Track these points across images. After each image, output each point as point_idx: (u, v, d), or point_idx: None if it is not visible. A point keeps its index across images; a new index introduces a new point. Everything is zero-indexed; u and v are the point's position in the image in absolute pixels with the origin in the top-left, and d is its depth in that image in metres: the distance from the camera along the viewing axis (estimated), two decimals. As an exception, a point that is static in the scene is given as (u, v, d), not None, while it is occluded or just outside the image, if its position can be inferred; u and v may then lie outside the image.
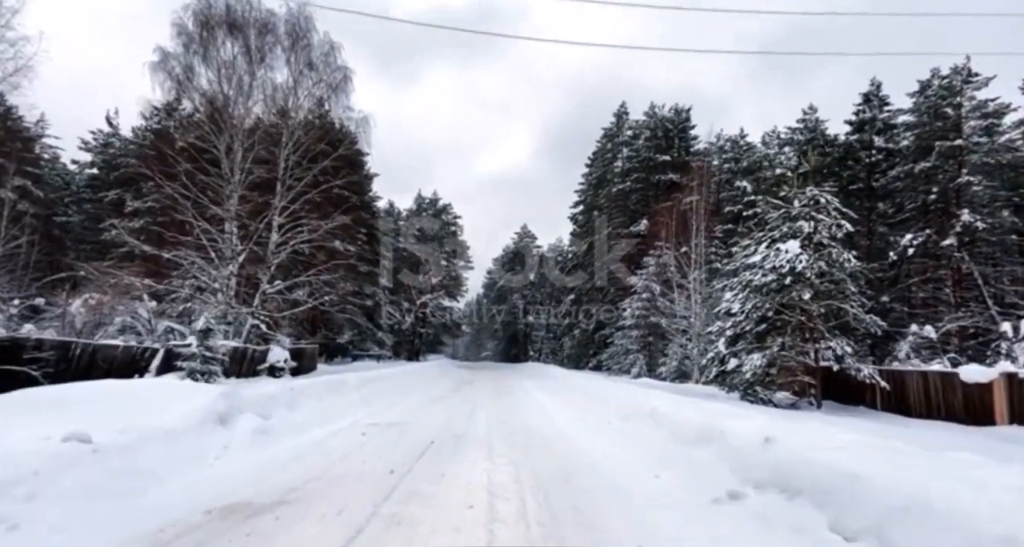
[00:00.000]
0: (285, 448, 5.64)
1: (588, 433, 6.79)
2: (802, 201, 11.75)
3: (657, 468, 4.63)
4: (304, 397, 7.84)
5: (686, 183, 30.69)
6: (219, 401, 5.72)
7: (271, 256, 20.56)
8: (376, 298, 35.10)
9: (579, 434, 6.77)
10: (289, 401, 7.30)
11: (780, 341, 11.04)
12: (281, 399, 7.11)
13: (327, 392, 8.99)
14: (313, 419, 7.35)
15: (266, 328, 20.19)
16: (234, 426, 5.68)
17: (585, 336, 37.34)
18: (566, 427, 7.44)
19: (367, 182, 35.35)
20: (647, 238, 32.90)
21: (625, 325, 25.82)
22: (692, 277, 22.04)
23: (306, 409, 7.57)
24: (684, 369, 22.06)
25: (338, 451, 5.64)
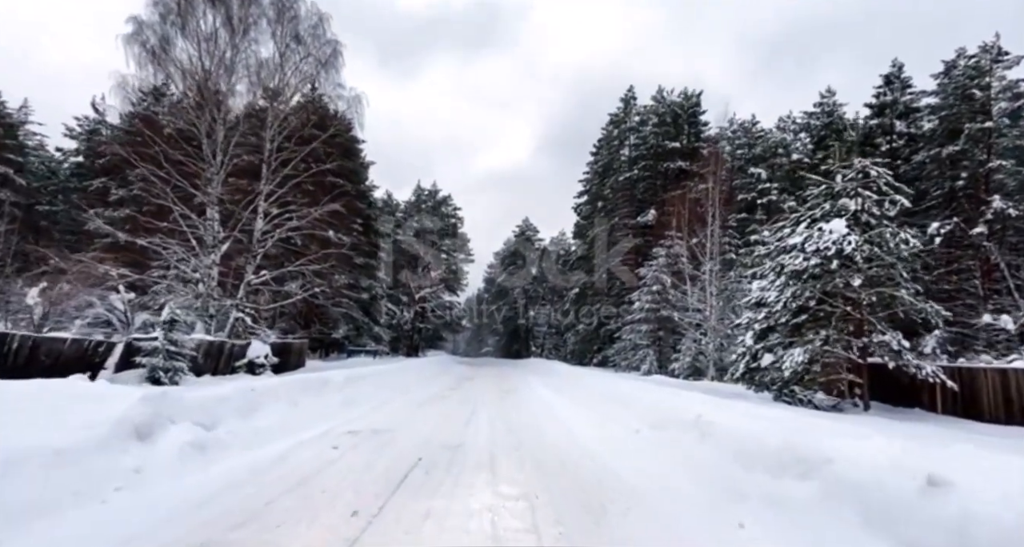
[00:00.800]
0: (223, 470, 4.28)
1: (615, 447, 5.42)
2: (847, 175, 10.34)
3: (729, 507, 3.28)
4: (269, 399, 6.49)
5: (697, 170, 29.25)
6: (139, 408, 4.37)
7: (256, 245, 19.22)
8: (373, 291, 33.75)
9: (604, 448, 5.40)
10: (247, 405, 5.94)
11: (824, 334, 9.66)
12: (235, 403, 5.75)
13: (302, 392, 7.64)
14: (277, 427, 6.00)
15: (251, 322, 18.88)
16: (158, 441, 4.33)
17: (589, 331, 35.99)
18: (586, 437, 6.08)
19: (363, 170, 33.95)
20: (655, 228, 31.50)
21: (634, 319, 24.46)
22: (706, 268, 20.65)
23: (270, 414, 6.22)
24: (698, 365, 20.71)
25: (294, 474, 4.28)
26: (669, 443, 5.10)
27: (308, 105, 21.30)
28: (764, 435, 3.93)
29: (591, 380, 11.94)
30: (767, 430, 4.03)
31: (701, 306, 20.88)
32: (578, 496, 3.81)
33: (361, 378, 10.76)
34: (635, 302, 24.82)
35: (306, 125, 20.60)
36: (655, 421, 5.88)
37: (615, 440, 5.77)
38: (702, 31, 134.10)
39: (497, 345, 63.72)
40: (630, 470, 4.53)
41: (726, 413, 4.94)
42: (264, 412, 6.12)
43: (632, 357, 24.25)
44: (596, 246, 34.94)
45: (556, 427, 7.11)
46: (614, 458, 5.01)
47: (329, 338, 31.82)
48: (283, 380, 7.65)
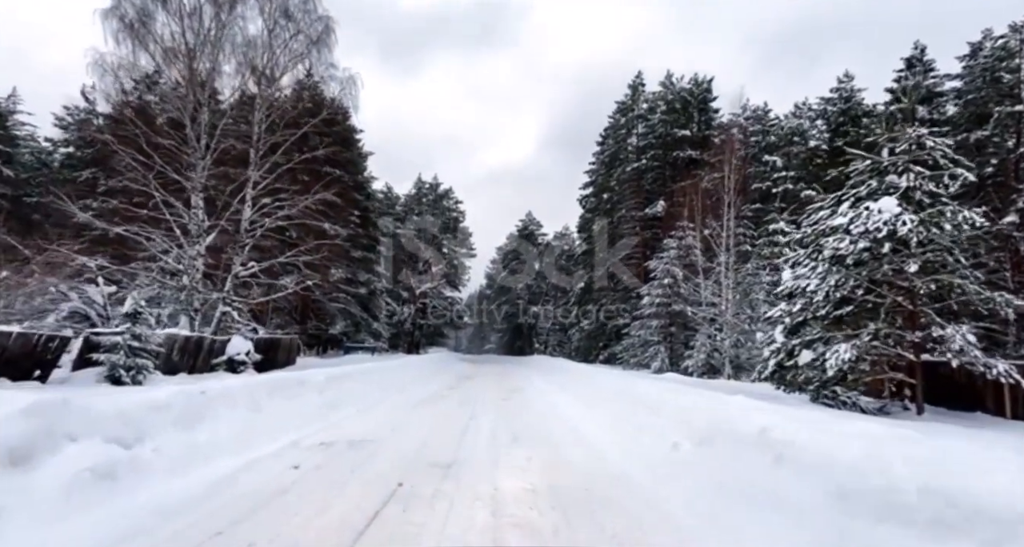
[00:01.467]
0: (126, 508, 3.14)
1: (654, 471, 4.25)
2: (899, 147, 9.12)
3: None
4: (225, 404, 5.34)
5: (708, 159, 27.99)
6: (17, 423, 3.22)
7: (244, 235, 18.10)
8: (371, 286, 32.65)
9: (639, 472, 4.24)
10: (192, 413, 4.79)
11: (873, 328, 8.46)
12: (176, 410, 4.60)
13: (272, 394, 6.50)
14: (228, 440, 4.85)
15: (238, 316, 17.78)
16: (41, 467, 3.19)
17: (594, 327, 34.81)
18: (612, 454, 4.93)
19: (360, 160, 32.79)
20: (664, 220, 30.27)
21: (643, 314, 23.27)
22: (721, 260, 19.43)
23: (222, 424, 5.07)
24: (713, 363, 19.54)
25: (223, 514, 3.13)
26: (725, 466, 3.92)
27: (300, 87, 20.13)
28: (878, 464, 2.76)
29: (604, 379, 10.77)
30: (875, 455, 2.86)
31: (716, 300, 19.68)
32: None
33: (350, 376, 9.62)
34: (644, 296, 23.63)
35: (297, 108, 19.46)
36: (698, 433, 4.70)
37: (651, 459, 4.59)
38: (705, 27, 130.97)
39: (500, 342, 62.64)
40: (681, 507, 3.37)
41: (801, 426, 3.75)
42: (214, 421, 4.98)
43: (642, 354, 23.08)
44: (602, 239, 33.72)
45: (572, 438, 5.94)
46: (655, 486, 3.85)
47: (326, 334, 30.76)
48: (250, 380, 6.51)
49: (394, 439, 5.71)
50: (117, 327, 10.01)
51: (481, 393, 11.57)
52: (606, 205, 33.53)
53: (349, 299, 30.78)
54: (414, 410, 8.33)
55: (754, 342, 19.42)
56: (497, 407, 8.91)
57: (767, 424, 3.89)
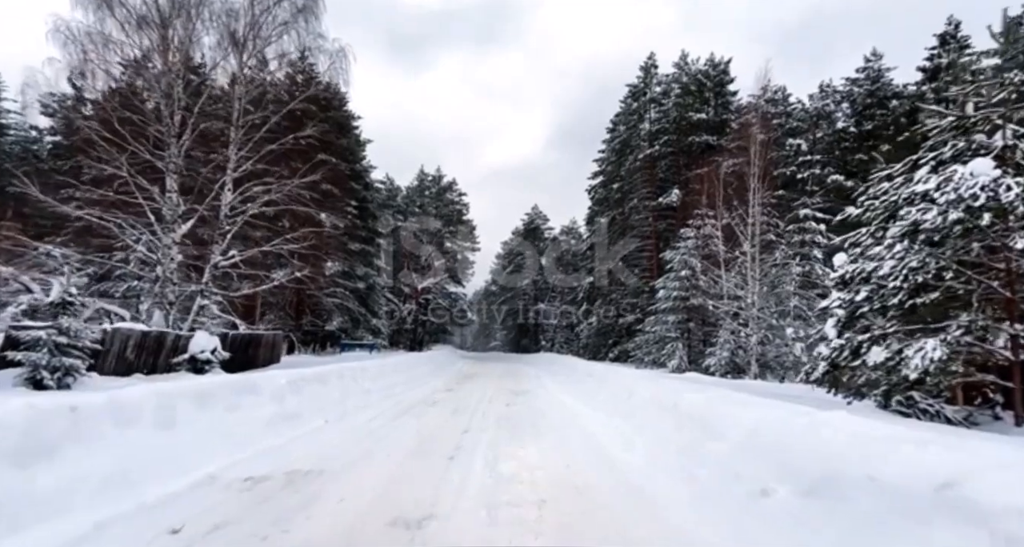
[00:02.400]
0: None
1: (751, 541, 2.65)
2: (992, 98, 7.42)
3: None
4: (112, 422, 3.79)
5: (726, 145, 26.23)
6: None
7: (224, 221, 16.61)
8: (370, 281, 31.13)
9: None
10: (50, 437, 3.24)
11: (966, 319, 6.80)
12: (16, 434, 3.05)
13: (201, 406, 4.95)
14: (100, 477, 3.30)
15: (218, 310, 16.30)
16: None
17: (604, 324, 33.17)
18: (669, 503, 3.33)
19: (358, 148, 31.25)
20: (679, 210, 28.55)
21: (659, 308, 21.61)
22: (746, 249, 17.72)
23: (100, 455, 3.52)
24: (737, 361, 17.88)
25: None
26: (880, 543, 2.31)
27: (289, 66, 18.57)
28: None
29: (626, 380, 9.15)
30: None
31: (740, 292, 17.99)
32: None
33: (323, 379, 8.06)
34: (659, 289, 21.96)
35: (281, 84, 17.94)
36: (799, 474, 3.08)
37: (735, 520, 2.98)
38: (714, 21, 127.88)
39: (505, 339, 61.13)
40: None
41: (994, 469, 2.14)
42: (87, 450, 3.43)
43: (657, 352, 21.43)
44: (612, 231, 32.05)
45: (602, 468, 4.34)
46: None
47: (323, 331, 29.30)
48: (170, 388, 4.96)
49: (353, 471, 4.14)
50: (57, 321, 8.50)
51: (481, 397, 10.00)
52: (616, 195, 31.83)
53: (347, 294, 29.32)
54: (394, 422, 6.75)
55: (783, 338, 17.74)
56: (499, 419, 7.32)
57: (950, 472, 2.25)
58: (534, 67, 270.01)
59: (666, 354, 20.17)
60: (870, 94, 27.53)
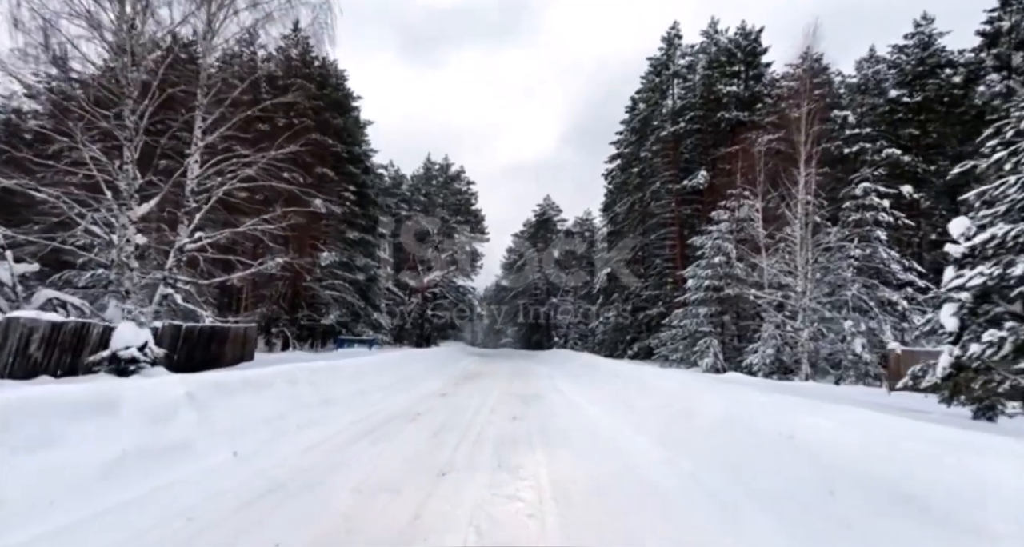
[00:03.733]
0: None
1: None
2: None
3: None
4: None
5: (761, 121, 23.60)
6: None
7: (190, 197, 14.51)
8: (371, 272, 29.01)
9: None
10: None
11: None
12: None
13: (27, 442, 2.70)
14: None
15: (182, 300, 14.22)
16: None
17: (622, 318, 30.69)
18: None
19: (358, 130, 29.08)
20: (707, 193, 25.99)
21: (689, 300, 19.14)
22: (795, 231, 15.19)
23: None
24: (784, 359, 15.40)
25: None
26: None
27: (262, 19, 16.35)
28: None
29: (671, 385, 6.79)
30: None
31: (788, 280, 15.47)
32: None
33: (263, 386, 5.84)
34: (689, 279, 19.49)
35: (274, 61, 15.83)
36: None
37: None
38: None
39: (517, 336, 58.88)
40: None
41: None
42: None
43: (686, 349, 18.98)
44: (631, 217, 29.54)
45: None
46: None
47: (320, 326, 27.24)
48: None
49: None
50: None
51: (480, 407, 7.71)
52: (636, 179, 29.29)
53: (346, 286, 27.24)
54: (339, 455, 4.49)
55: (838, 333, 15.22)
56: (499, 444, 5.02)
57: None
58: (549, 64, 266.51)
59: (698, 351, 17.71)
60: (920, 62, 24.66)
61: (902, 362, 11.60)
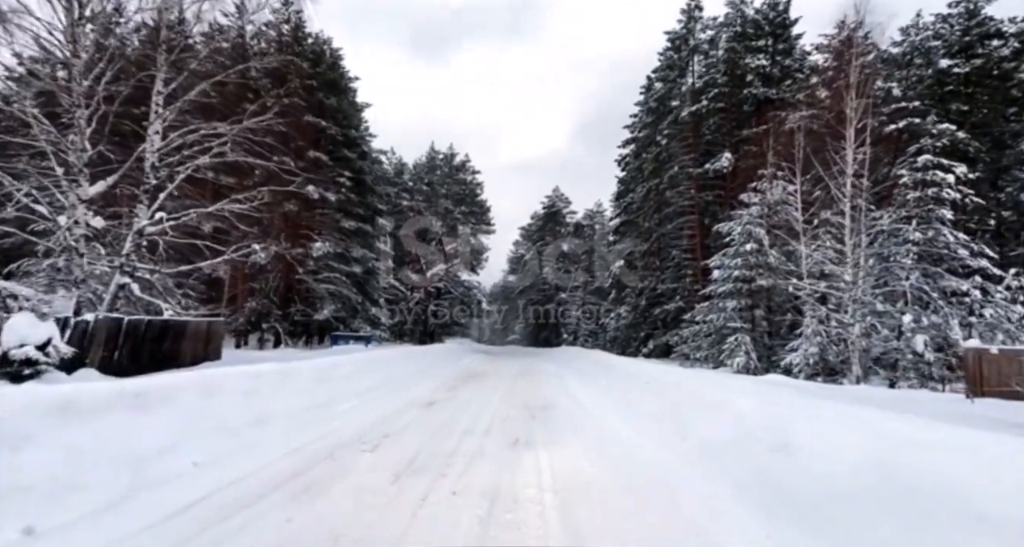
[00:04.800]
0: None
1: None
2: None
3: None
4: None
5: (792, 98, 21.50)
6: None
7: (151, 174, 12.80)
8: (368, 264, 27.23)
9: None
10: None
11: None
12: None
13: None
14: None
15: (140, 290, 12.51)
16: None
17: (637, 313, 28.73)
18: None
19: (354, 113, 27.24)
20: (729, 178, 23.94)
21: (716, 292, 17.16)
22: (845, 211, 13.14)
23: None
24: (829, 358, 13.43)
25: None
26: None
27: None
28: None
29: (728, 396, 4.89)
30: None
31: (834, 269, 13.45)
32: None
33: (157, 401, 4.06)
34: (715, 269, 17.50)
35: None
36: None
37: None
38: None
39: (524, 333, 57.08)
40: None
41: None
42: None
43: (712, 346, 17.01)
44: (647, 206, 27.51)
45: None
46: None
47: (314, 321, 25.52)
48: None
49: None
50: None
51: (473, 424, 5.86)
52: (651, 165, 27.24)
53: (342, 279, 25.47)
54: (228, 523, 2.65)
55: (892, 329, 13.23)
56: (491, 510, 3.15)
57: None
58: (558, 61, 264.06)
59: (727, 350, 15.74)
60: (966, 32, 22.38)
61: (989, 363, 9.62)
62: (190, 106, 13.30)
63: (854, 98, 13.15)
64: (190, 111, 13.69)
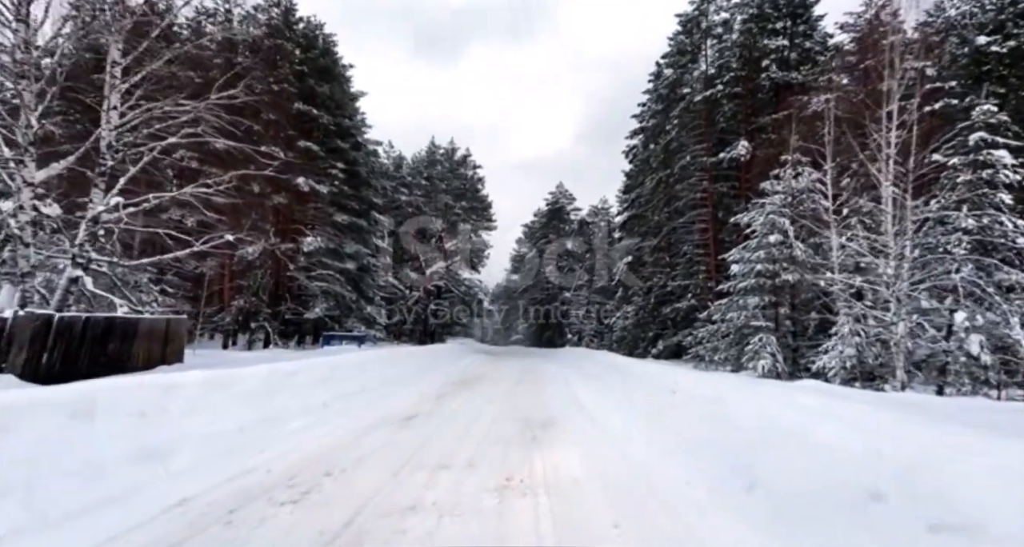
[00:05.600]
0: None
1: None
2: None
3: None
4: None
5: (814, 81, 20.03)
6: None
7: (107, 153, 11.48)
8: (363, 260, 25.88)
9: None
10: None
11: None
12: None
13: None
14: None
15: (93, 284, 11.18)
16: None
17: (645, 311, 27.26)
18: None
19: (349, 103, 25.87)
20: (745, 167, 22.47)
21: (736, 288, 15.69)
22: (884, 196, 11.67)
23: None
24: (867, 361, 11.95)
25: None
26: None
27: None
28: None
29: (789, 417, 3.50)
30: None
31: (872, 261, 11.96)
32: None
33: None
34: (734, 263, 16.04)
35: None
36: None
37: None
38: None
39: (528, 332, 55.63)
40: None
41: None
42: None
43: (732, 347, 15.54)
44: (655, 198, 26.04)
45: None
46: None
47: (306, 320, 24.19)
48: None
49: None
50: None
51: (456, 447, 4.47)
52: (661, 155, 25.77)
53: (335, 276, 24.15)
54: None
55: (939, 328, 11.73)
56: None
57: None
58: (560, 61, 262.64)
59: (749, 351, 14.27)
60: (1000, 10, 20.81)
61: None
62: (160, 89, 11.95)
63: (898, 66, 11.68)
64: (163, 94, 12.30)
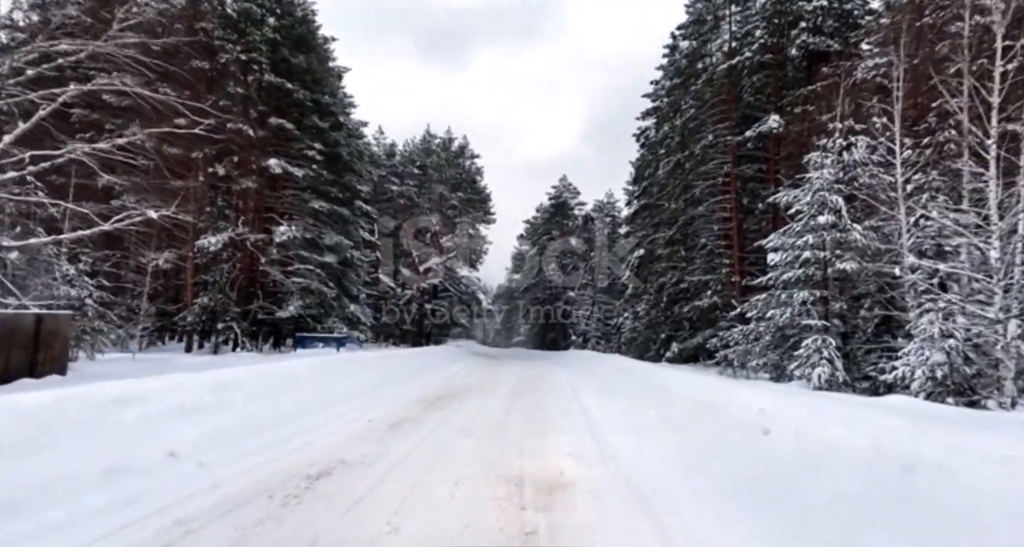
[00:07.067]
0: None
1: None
2: None
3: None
4: None
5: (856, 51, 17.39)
6: None
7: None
8: (344, 253, 23.28)
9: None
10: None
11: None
12: None
13: None
14: None
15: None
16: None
17: (658, 310, 24.56)
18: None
19: (329, 77, 23.26)
20: (775, 145, 19.83)
21: (777, 281, 13.03)
22: (989, 157, 9.08)
23: None
24: (959, 372, 9.26)
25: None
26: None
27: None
28: None
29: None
30: None
31: (975, 243, 9.33)
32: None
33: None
34: (774, 251, 13.38)
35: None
36: None
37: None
38: None
39: (530, 334, 53.04)
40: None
41: None
42: None
43: (775, 351, 12.88)
44: (671, 183, 23.38)
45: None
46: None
47: (280, 320, 21.56)
48: None
49: None
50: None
51: None
52: (678, 135, 23.15)
53: (313, 270, 21.53)
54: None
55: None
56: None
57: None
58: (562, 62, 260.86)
59: (800, 357, 11.58)
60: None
61: None
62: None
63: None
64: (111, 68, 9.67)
